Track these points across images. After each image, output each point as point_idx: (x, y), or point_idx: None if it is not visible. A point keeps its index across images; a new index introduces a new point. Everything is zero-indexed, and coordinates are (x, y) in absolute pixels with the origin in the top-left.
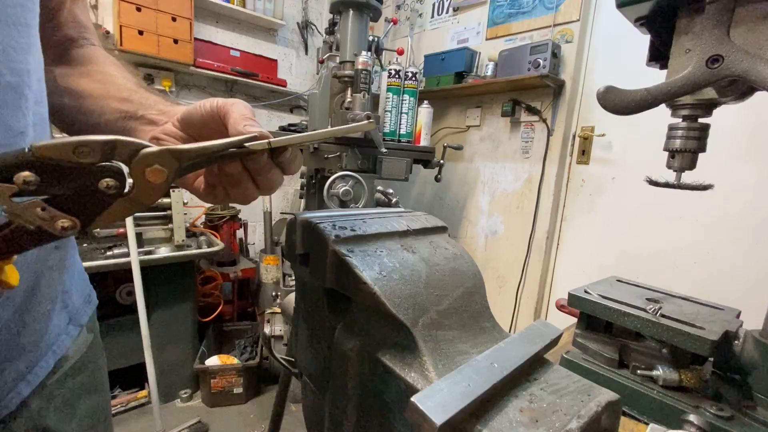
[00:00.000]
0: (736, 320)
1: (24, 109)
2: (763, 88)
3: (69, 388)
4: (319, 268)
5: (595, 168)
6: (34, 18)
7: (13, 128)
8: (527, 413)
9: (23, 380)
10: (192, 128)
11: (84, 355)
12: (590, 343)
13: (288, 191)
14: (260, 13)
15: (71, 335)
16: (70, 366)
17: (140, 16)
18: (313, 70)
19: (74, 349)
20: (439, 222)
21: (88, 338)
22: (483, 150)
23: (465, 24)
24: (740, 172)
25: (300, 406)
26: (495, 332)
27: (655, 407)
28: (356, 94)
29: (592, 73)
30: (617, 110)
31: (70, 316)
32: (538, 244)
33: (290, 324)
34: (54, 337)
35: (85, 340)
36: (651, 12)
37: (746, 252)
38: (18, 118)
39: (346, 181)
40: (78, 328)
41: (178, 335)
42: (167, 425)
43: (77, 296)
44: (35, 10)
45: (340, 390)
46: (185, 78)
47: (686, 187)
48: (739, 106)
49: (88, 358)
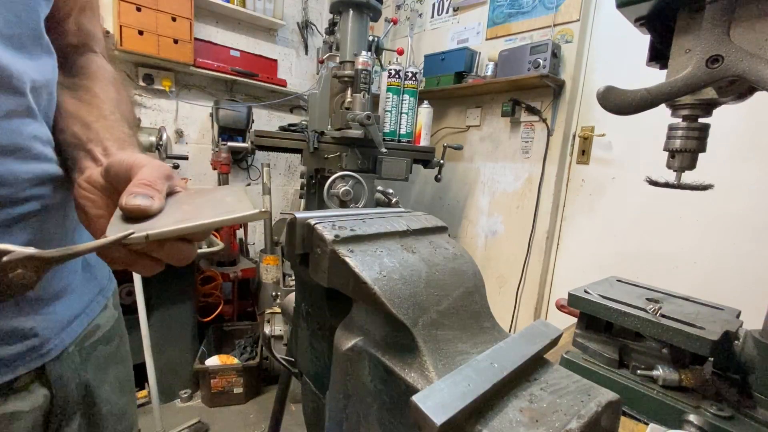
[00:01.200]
0: (736, 320)
1: (31, 118)
2: (763, 88)
3: (102, 355)
4: (319, 268)
5: (595, 168)
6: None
7: (26, 134)
8: (527, 413)
9: (64, 331)
10: (112, 180)
11: (112, 328)
12: (590, 343)
13: (288, 191)
14: (260, 13)
15: (100, 304)
16: (102, 334)
17: (140, 16)
18: (313, 70)
19: (104, 319)
20: (439, 222)
21: (114, 314)
22: (483, 150)
23: (465, 24)
24: (740, 172)
25: (300, 406)
26: (495, 332)
27: (655, 407)
28: (356, 94)
29: (592, 73)
30: (617, 110)
31: (99, 287)
32: (538, 244)
33: (290, 324)
34: (86, 302)
35: (112, 315)
36: (651, 12)
37: (746, 252)
38: (29, 125)
39: (346, 181)
40: (105, 299)
41: (178, 335)
42: (167, 425)
43: (100, 272)
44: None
45: (340, 390)
46: (185, 78)
47: (686, 187)
48: (739, 106)
49: (115, 331)
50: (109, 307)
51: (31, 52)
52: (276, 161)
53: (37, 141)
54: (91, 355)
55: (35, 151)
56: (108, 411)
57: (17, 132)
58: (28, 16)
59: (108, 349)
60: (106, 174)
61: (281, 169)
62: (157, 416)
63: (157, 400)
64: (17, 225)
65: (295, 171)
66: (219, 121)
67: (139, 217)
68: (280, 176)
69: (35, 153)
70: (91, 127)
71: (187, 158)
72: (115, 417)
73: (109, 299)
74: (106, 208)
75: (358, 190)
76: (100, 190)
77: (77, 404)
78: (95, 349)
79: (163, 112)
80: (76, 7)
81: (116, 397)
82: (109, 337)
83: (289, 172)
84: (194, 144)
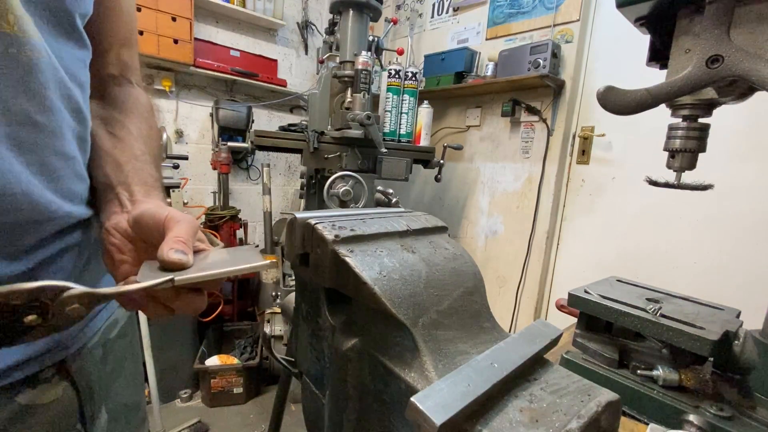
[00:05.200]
0: (736, 320)
1: (74, 138)
2: (763, 88)
3: (120, 348)
4: (319, 268)
5: (595, 168)
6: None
7: (65, 154)
8: (527, 413)
9: (87, 326)
10: (140, 231)
11: (127, 322)
12: (590, 343)
13: (288, 191)
14: (260, 13)
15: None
16: (119, 328)
17: (140, 16)
18: (313, 70)
19: (121, 313)
20: (439, 222)
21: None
22: (483, 150)
23: (465, 24)
24: (740, 172)
25: (300, 406)
26: (495, 332)
27: (655, 407)
28: (356, 94)
29: (592, 73)
30: (617, 110)
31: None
32: (538, 244)
33: (290, 324)
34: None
35: (126, 311)
36: (651, 12)
37: (746, 252)
38: (71, 145)
39: (346, 181)
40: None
41: (178, 335)
42: (167, 425)
43: None
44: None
45: (340, 390)
46: (185, 78)
47: (686, 187)
48: (739, 106)
49: (130, 327)
50: None
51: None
52: (276, 161)
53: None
54: (112, 348)
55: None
56: (125, 404)
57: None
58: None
59: (124, 343)
60: (135, 224)
61: (281, 169)
62: (157, 416)
63: (157, 400)
64: (54, 263)
65: (295, 171)
66: (219, 121)
67: (172, 269)
68: (280, 176)
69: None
70: (122, 169)
71: (187, 158)
72: (130, 410)
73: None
74: (130, 253)
75: (358, 190)
76: (125, 237)
77: (101, 397)
78: (115, 344)
79: (163, 112)
80: (118, 41)
81: (131, 391)
82: (125, 332)
83: (289, 172)
84: (194, 144)
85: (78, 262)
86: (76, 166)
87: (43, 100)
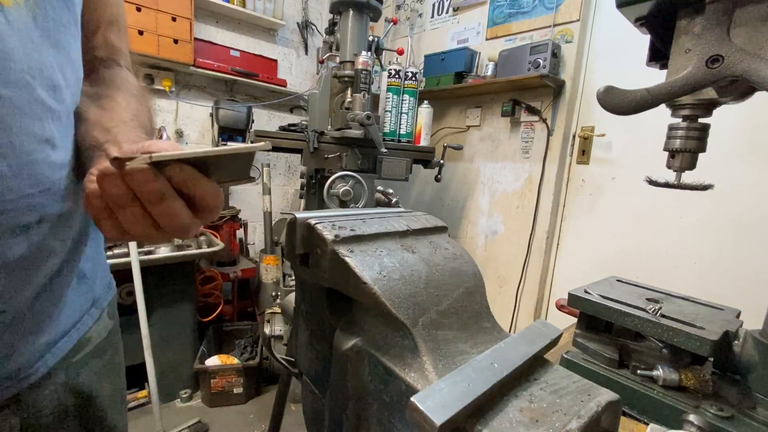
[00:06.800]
0: (736, 320)
1: (50, 120)
2: (763, 88)
3: (92, 369)
4: (319, 268)
5: (595, 168)
6: (74, 39)
7: (38, 136)
8: (527, 413)
9: (49, 352)
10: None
11: (105, 339)
12: (590, 343)
13: (288, 191)
14: (260, 13)
15: (93, 317)
16: (93, 347)
17: (140, 16)
18: (313, 70)
19: (96, 331)
20: (439, 222)
21: (109, 324)
22: (483, 150)
23: (465, 24)
24: (740, 172)
25: (300, 406)
26: (495, 332)
27: (655, 407)
28: (356, 94)
29: (592, 73)
30: (617, 110)
31: (93, 300)
32: (538, 244)
33: (290, 324)
34: (78, 317)
35: (106, 326)
36: (651, 12)
37: (746, 252)
38: (43, 127)
39: (346, 181)
40: (99, 311)
41: (178, 335)
42: (167, 425)
43: (100, 283)
44: (77, 34)
45: (340, 390)
46: (185, 78)
47: (686, 187)
48: (739, 106)
49: (109, 342)
50: (103, 318)
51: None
52: (276, 161)
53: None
54: (80, 371)
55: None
56: (99, 425)
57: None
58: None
59: (100, 363)
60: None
61: (281, 169)
62: (157, 416)
63: (157, 400)
64: (17, 236)
65: (295, 171)
66: (219, 121)
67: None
68: (280, 176)
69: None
70: (110, 131)
71: None
72: (106, 430)
73: (104, 309)
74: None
75: (358, 190)
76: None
77: (50, 429)
78: (86, 364)
79: (163, 112)
80: (104, 22)
81: (108, 411)
82: (101, 349)
83: (289, 172)
84: (194, 144)
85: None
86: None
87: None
